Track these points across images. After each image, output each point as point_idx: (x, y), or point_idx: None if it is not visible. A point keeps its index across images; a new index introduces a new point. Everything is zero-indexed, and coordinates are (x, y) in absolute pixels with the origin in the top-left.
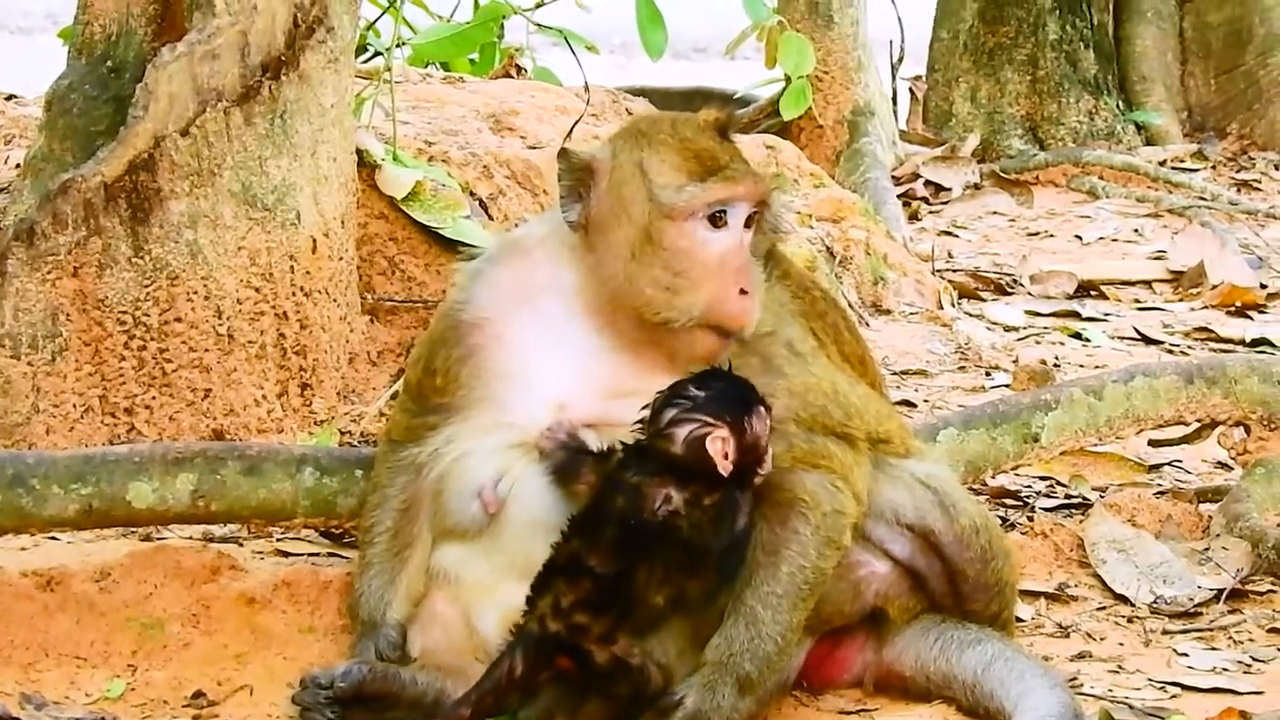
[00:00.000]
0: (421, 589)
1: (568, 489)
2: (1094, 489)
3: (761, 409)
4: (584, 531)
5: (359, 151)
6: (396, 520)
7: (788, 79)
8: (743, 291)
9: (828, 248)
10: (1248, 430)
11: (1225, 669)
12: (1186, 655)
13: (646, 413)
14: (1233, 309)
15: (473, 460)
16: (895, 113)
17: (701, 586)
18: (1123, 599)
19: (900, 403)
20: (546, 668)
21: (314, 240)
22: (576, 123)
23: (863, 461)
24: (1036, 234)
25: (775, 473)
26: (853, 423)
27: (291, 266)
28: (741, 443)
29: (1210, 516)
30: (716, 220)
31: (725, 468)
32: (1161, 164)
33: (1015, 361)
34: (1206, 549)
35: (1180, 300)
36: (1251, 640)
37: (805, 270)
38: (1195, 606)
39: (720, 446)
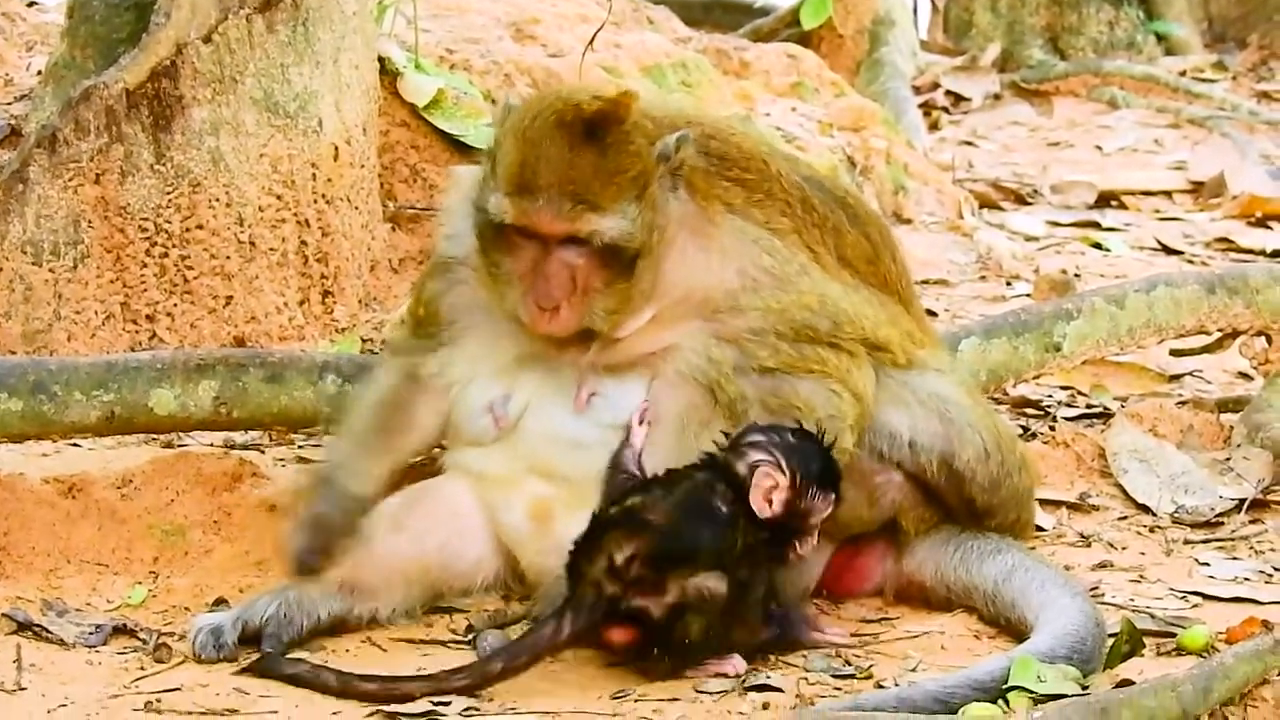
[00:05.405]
0: (384, 479)
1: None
2: (1115, 398)
3: (831, 495)
4: (651, 489)
5: (381, 59)
6: (385, 411)
7: None
8: (540, 306)
9: (848, 157)
10: (1269, 340)
11: (1246, 578)
12: (1208, 565)
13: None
14: (1253, 219)
15: (476, 384)
16: (916, 22)
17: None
18: (1144, 508)
19: None
20: (596, 633)
21: (336, 148)
22: (598, 31)
23: (860, 364)
24: (1057, 144)
25: (771, 379)
26: (843, 331)
27: (313, 174)
28: (790, 500)
29: (1231, 426)
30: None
31: (762, 508)
32: (1182, 74)
33: (1036, 271)
34: (1228, 459)
35: (1200, 210)
36: (1273, 550)
37: (806, 174)
38: (1216, 516)
39: (769, 484)
